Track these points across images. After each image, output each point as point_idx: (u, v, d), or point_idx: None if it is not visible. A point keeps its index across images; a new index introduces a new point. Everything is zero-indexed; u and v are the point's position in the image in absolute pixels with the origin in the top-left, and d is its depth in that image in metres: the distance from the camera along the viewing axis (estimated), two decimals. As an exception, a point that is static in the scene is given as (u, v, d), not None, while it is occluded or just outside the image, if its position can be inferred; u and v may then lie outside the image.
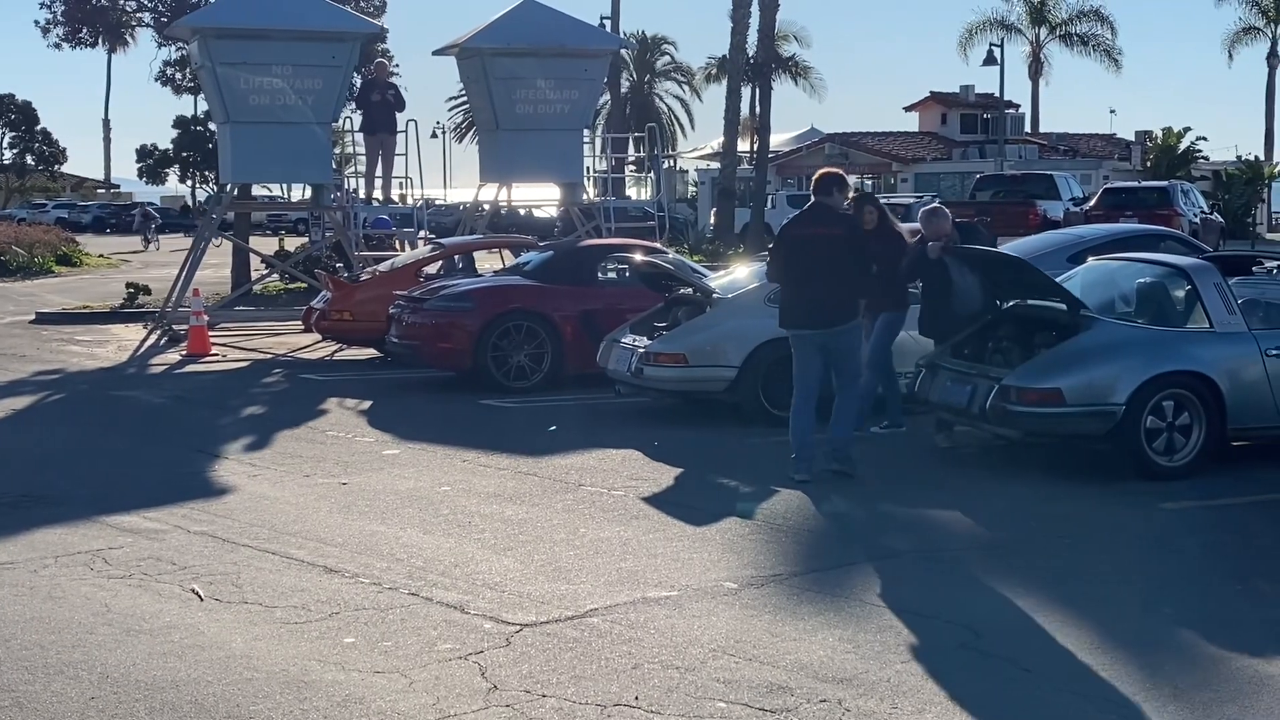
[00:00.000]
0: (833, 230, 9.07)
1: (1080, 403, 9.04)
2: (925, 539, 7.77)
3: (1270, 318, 9.99)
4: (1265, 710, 5.04)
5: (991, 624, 6.11)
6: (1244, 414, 9.27)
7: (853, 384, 9.26)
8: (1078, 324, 9.47)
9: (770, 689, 5.29)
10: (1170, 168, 44.40)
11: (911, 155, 53.18)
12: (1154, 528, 7.96)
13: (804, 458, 9.14)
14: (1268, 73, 55.88)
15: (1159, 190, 30.97)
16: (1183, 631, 6.03)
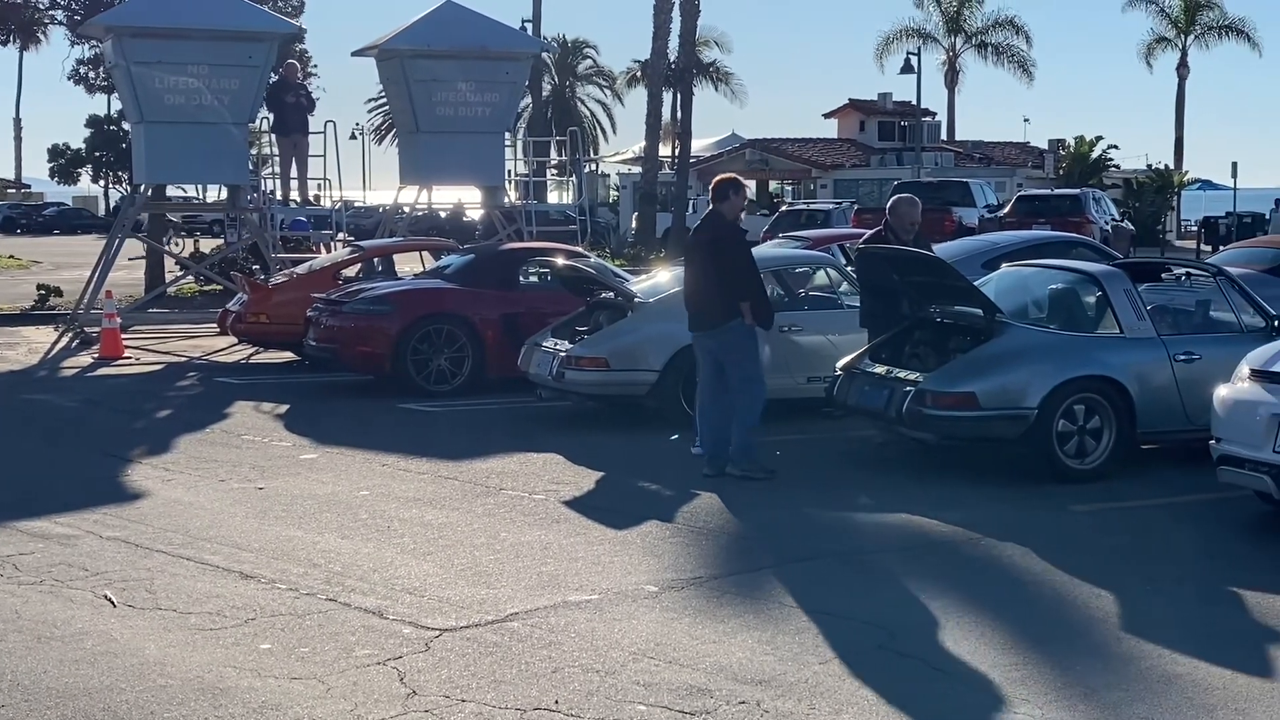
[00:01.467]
0: (712, 235, 9.42)
1: (994, 406, 9.18)
2: (844, 541, 7.84)
3: (1178, 323, 10.23)
4: (1174, 709, 5.14)
5: (908, 625, 6.19)
6: (1153, 418, 9.46)
7: (745, 386, 9.33)
8: (992, 329, 9.62)
9: (690, 691, 5.32)
10: (1082, 176, 45.11)
11: (831, 162, 53.62)
12: (1065, 529, 8.10)
13: (713, 456, 9.34)
14: (1178, 83, 57.02)
15: (1071, 198, 31.49)
16: (1094, 631, 6.15)
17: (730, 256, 9.35)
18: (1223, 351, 9.21)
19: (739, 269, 9.34)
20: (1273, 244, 15.95)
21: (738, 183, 9.69)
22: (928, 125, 51.97)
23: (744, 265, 9.39)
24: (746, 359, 9.36)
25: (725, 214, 9.49)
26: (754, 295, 9.35)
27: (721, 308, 9.34)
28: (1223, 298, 10.22)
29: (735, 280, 9.31)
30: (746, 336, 9.34)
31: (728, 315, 9.31)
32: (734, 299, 9.29)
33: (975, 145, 58.14)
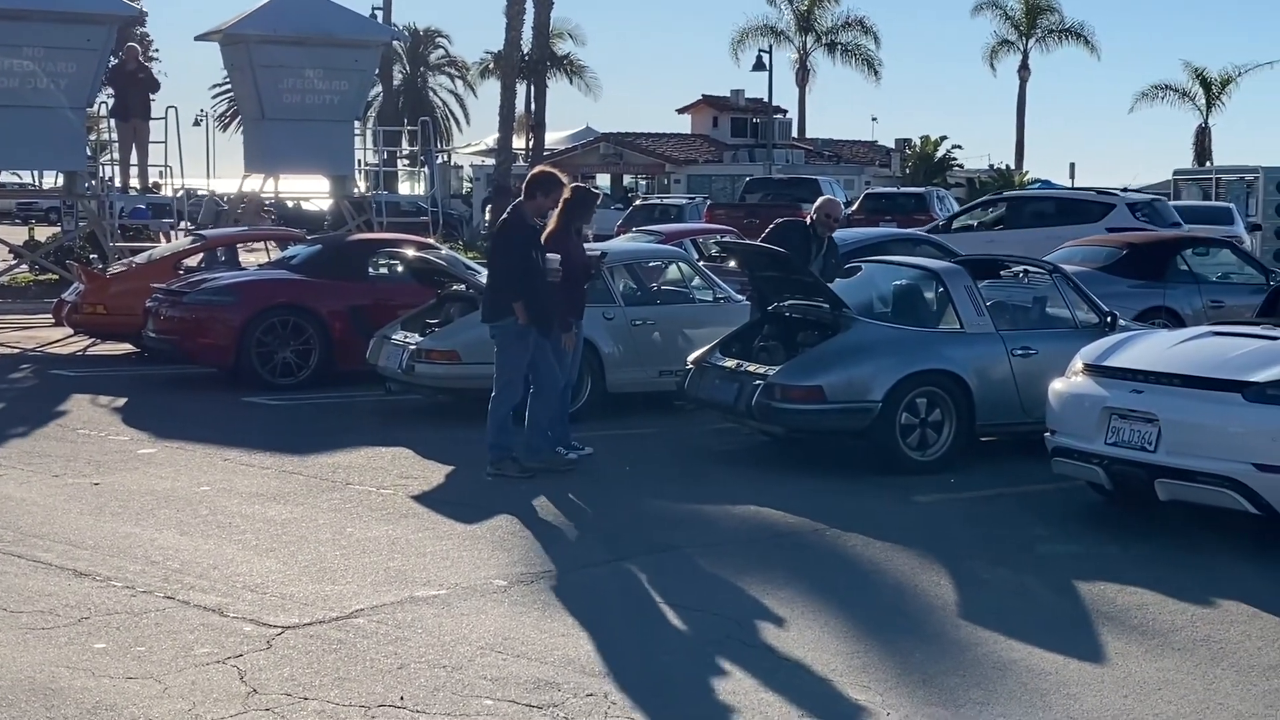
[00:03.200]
0: (501, 229, 9.45)
1: (840, 400, 9.34)
2: (693, 533, 7.89)
3: (1016, 319, 10.52)
4: (1008, 694, 5.29)
5: (755, 616, 6.25)
6: (992, 411, 9.72)
7: (540, 384, 9.30)
8: (838, 324, 9.78)
9: (537, 685, 5.30)
10: (928, 174, 46.25)
11: (684, 157, 54.04)
12: (907, 519, 8.26)
13: (533, 447, 9.34)
14: (1019, 85, 58.70)
15: (917, 196, 32.21)
16: (933, 619, 6.29)
17: (510, 254, 9.21)
18: (1058, 346, 9.49)
19: (514, 268, 9.17)
20: (1107, 242, 16.50)
21: (551, 183, 9.42)
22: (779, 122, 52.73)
23: (520, 266, 9.17)
24: (510, 360, 9.23)
25: (525, 210, 9.28)
26: (525, 296, 9.15)
27: (498, 306, 9.25)
28: (1058, 294, 10.54)
29: (510, 279, 9.20)
30: (516, 338, 9.19)
31: (499, 314, 9.24)
32: (508, 297, 9.18)
33: (825, 143, 59.16)
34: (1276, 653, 5.77)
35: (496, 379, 9.35)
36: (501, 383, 9.31)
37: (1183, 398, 7.58)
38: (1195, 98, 54.76)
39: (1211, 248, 15.98)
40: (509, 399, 9.30)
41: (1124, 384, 7.91)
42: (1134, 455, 7.68)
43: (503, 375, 9.32)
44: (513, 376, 9.30)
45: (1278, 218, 35.18)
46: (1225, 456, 7.29)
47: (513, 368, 9.29)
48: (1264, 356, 7.57)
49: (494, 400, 9.30)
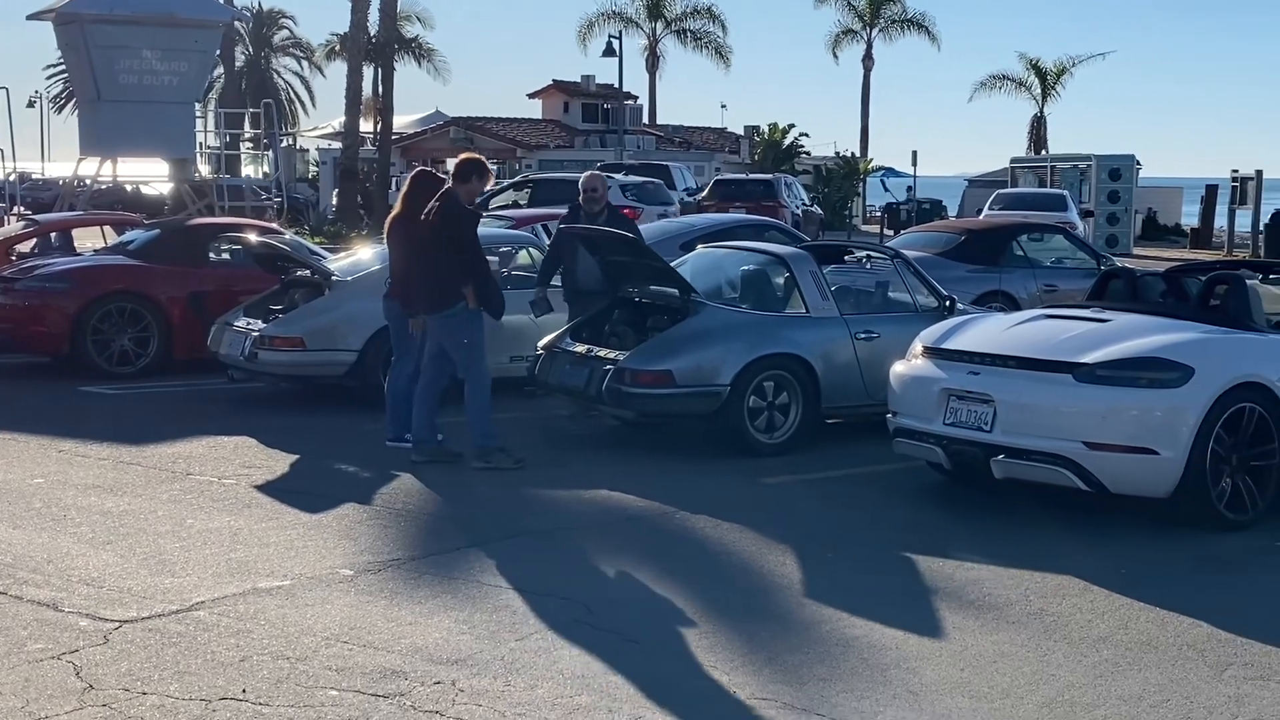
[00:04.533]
0: (442, 215, 9.08)
1: (689, 384, 9.42)
2: (544, 518, 7.89)
3: (860, 303, 10.73)
4: (850, 670, 5.39)
5: (604, 599, 6.28)
6: (836, 393, 9.90)
7: (470, 375, 9.19)
8: (688, 308, 9.86)
9: (384, 674, 5.25)
10: (776, 161, 46.76)
11: (535, 142, 53.81)
12: (754, 501, 8.37)
13: (421, 440, 9.18)
14: (863, 74, 59.74)
15: (765, 183, 32.61)
16: (779, 599, 6.39)
17: (461, 240, 9.04)
18: (899, 330, 9.71)
19: (467, 253, 9.10)
20: (948, 228, 16.95)
21: (483, 167, 9.31)
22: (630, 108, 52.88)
23: (473, 250, 9.14)
24: (471, 346, 9.17)
25: (460, 195, 9.15)
26: (480, 280, 9.14)
27: (447, 291, 9.07)
28: (900, 279, 10.78)
29: (463, 265, 9.09)
30: (468, 322, 9.11)
31: (449, 301, 9.06)
32: (459, 283, 9.08)
33: (676, 129, 59.49)
34: (1106, 625, 5.99)
35: (465, 369, 9.16)
36: (474, 370, 9.17)
37: (1017, 379, 7.81)
38: (1031, 88, 56.39)
39: (1045, 234, 16.50)
40: (483, 385, 9.17)
41: (961, 366, 8.12)
42: (971, 435, 7.89)
43: (470, 362, 9.17)
44: (478, 362, 9.19)
45: (1110, 204, 36.55)
46: (1057, 435, 7.53)
47: (476, 353, 9.18)
48: (1093, 339, 7.84)
49: (470, 390, 9.13)
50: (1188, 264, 9.73)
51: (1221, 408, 7.45)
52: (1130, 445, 7.41)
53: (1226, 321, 8.07)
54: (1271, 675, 5.36)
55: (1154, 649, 5.67)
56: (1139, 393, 7.47)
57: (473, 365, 9.17)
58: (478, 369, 9.18)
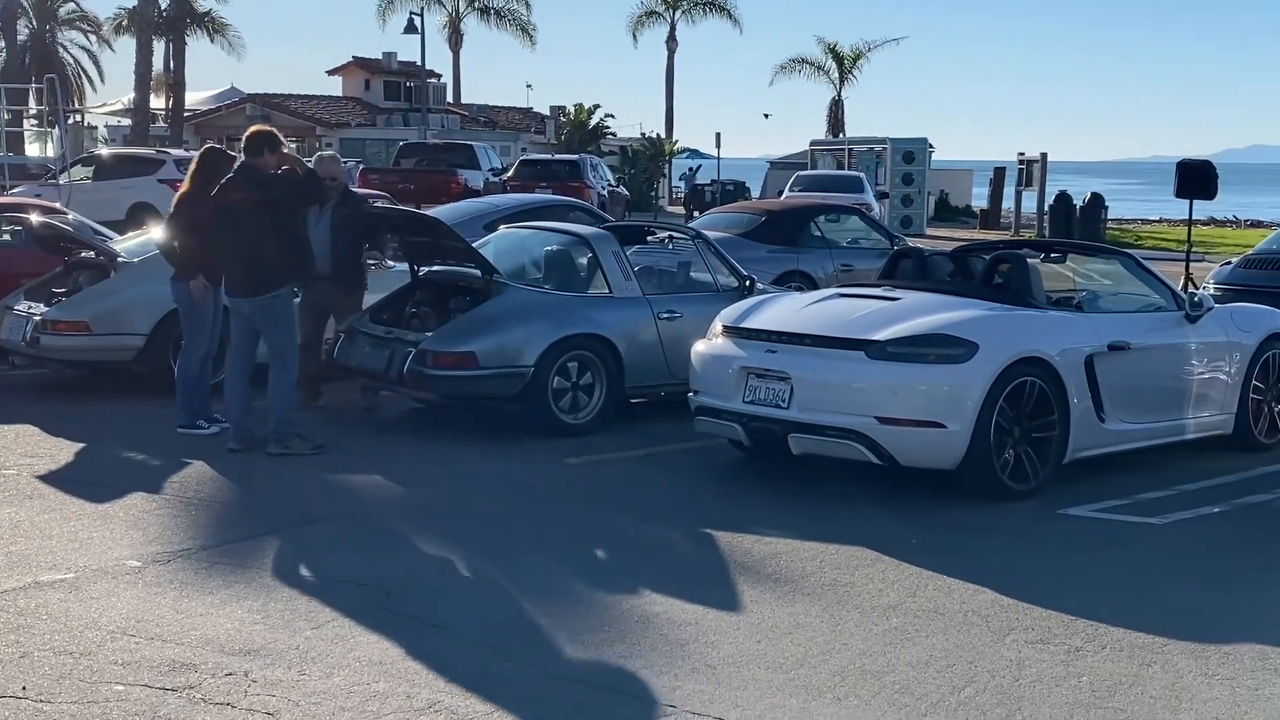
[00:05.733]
0: (255, 193, 8.77)
1: (493, 365, 9.37)
2: (343, 504, 7.76)
3: (662, 283, 10.82)
4: (650, 646, 5.44)
5: (406, 584, 6.20)
6: (640, 373, 9.97)
7: (281, 357, 8.96)
8: (490, 289, 9.80)
9: (173, 667, 5.09)
10: (581, 142, 46.81)
11: (336, 120, 52.79)
12: (559, 481, 8.38)
13: (238, 427, 8.94)
14: (668, 55, 60.13)
15: (570, 163, 32.60)
16: (581, 579, 6.40)
17: (278, 217, 8.77)
18: (701, 309, 9.83)
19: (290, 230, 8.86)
20: (749, 209, 17.20)
21: (275, 139, 8.98)
22: (433, 86, 52.27)
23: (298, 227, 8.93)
24: (285, 328, 8.90)
25: (259, 169, 8.83)
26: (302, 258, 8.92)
27: (270, 275, 8.77)
28: (701, 259, 10.90)
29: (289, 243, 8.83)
30: (286, 305, 8.88)
31: (273, 284, 8.78)
32: (283, 263, 8.81)
33: (480, 109, 59.04)
34: (896, 593, 6.17)
35: (277, 352, 8.88)
36: (287, 353, 8.89)
37: (812, 356, 7.98)
38: (829, 72, 57.56)
39: (842, 215, 16.89)
40: (291, 369, 8.92)
41: (759, 345, 8.26)
42: (769, 412, 8.04)
43: (285, 344, 8.89)
44: (290, 344, 8.92)
45: (904, 186, 37.66)
46: (850, 411, 7.72)
47: (291, 336, 8.92)
48: (884, 317, 8.06)
49: (277, 373, 8.84)
50: (973, 244, 10.07)
51: (1004, 382, 7.73)
52: (919, 419, 7.64)
53: (1009, 299, 8.37)
54: (1051, 638, 5.59)
55: (941, 616, 5.87)
56: (927, 369, 7.70)
57: (286, 348, 8.96)
58: (290, 352, 8.98)
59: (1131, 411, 8.45)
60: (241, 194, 8.78)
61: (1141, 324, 8.74)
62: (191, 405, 9.38)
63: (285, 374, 8.91)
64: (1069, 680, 5.13)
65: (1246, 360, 9.15)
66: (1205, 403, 8.95)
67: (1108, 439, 8.36)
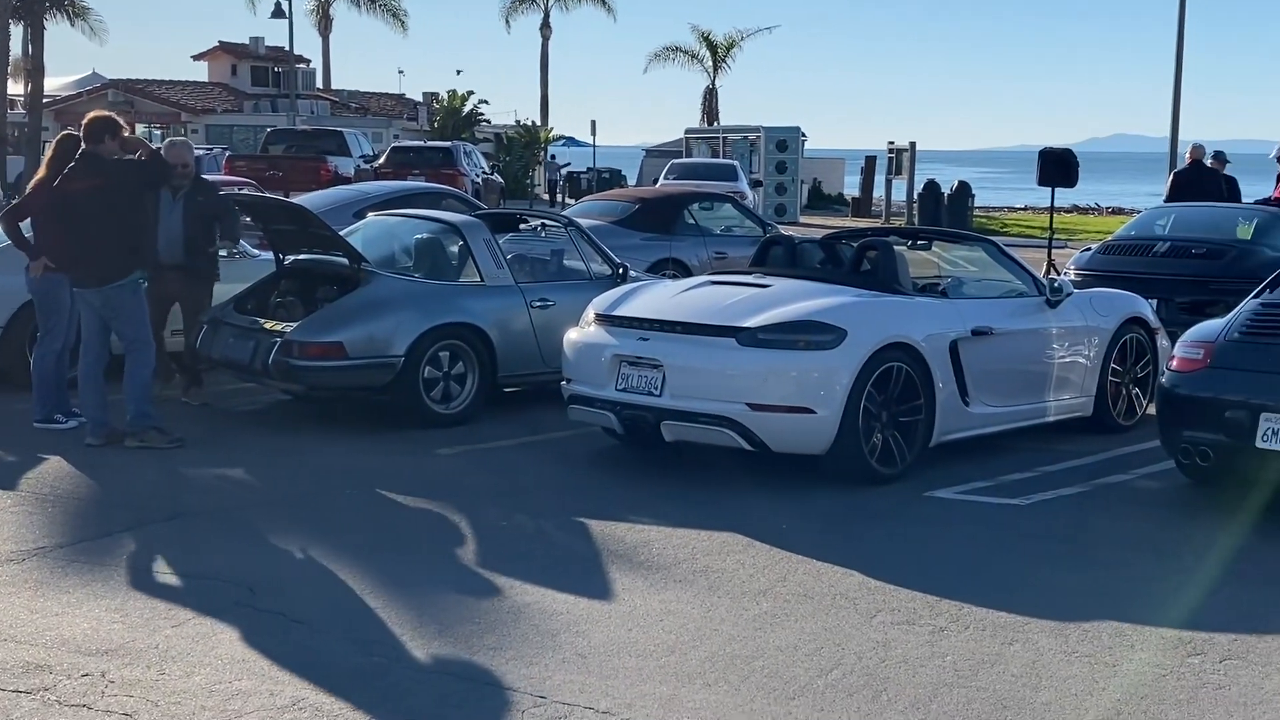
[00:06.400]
0: (96, 181, 8.53)
1: (362, 355, 9.23)
2: (203, 499, 7.59)
3: (535, 272, 10.77)
4: (522, 637, 5.40)
5: (269, 580, 6.08)
6: (513, 362, 9.91)
7: (139, 348, 8.72)
8: (358, 278, 9.65)
9: (27, 669, 4.93)
10: (455, 129, 46.40)
11: (201, 106, 51.68)
12: (430, 472, 8.29)
13: (95, 421, 8.68)
14: (542, 43, 59.88)
15: (444, 150, 32.31)
16: (451, 570, 6.34)
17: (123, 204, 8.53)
18: (574, 298, 9.77)
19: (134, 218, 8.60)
20: (622, 197, 17.20)
21: (114, 124, 8.76)
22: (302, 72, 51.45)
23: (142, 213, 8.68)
24: (134, 319, 8.66)
25: (103, 155, 8.61)
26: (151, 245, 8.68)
27: (116, 262, 8.53)
28: (574, 248, 10.86)
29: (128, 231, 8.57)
30: (133, 294, 8.63)
31: (121, 271, 8.54)
32: (130, 252, 8.55)
33: (351, 95, 58.26)
34: (767, 579, 6.21)
35: (131, 343, 8.65)
36: (140, 344, 8.65)
37: (684, 344, 8.00)
38: (703, 60, 57.83)
39: (716, 202, 16.98)
40: (148, 360, 8.66)
41: (632, 332, 8.26)
42: (642, 400, 8.03)
43: (137, 335, 8.65)
44: (142, 335, 8.67)
45: (778, 174, 38.02)
46: (722, 398, 7.76)
47: (144, 325, 8.68)
48: (755, 303, 8.11)
49: (132, 365, 8.59)
50: (842, 231, 10.18)
51: (872, 367, 7.83)
52: (789, 405, 7.70)
53: (877, 286, 8.48)
54: (916, 619, 5.68)
55: (810, 599, 5.92)
56: (797, 355, 7.76)
57: (140, 338, 8.72)
58: (143, 343, 8.73)
59: (995, 395, 8.62)
60: (83, 182, 8.57)
61: (1004, 309, 8.91)
62: (48, 399, 9.10)
63: (141, 366, 8.68)
64: (933, 660, 5.21)
65: (1105, 344, 9.38)
66: (1065, 386, 9.16)
67: (972, 422, 8.52)
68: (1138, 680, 5.03)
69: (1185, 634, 5.49)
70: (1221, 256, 13.06)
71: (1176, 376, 7.66)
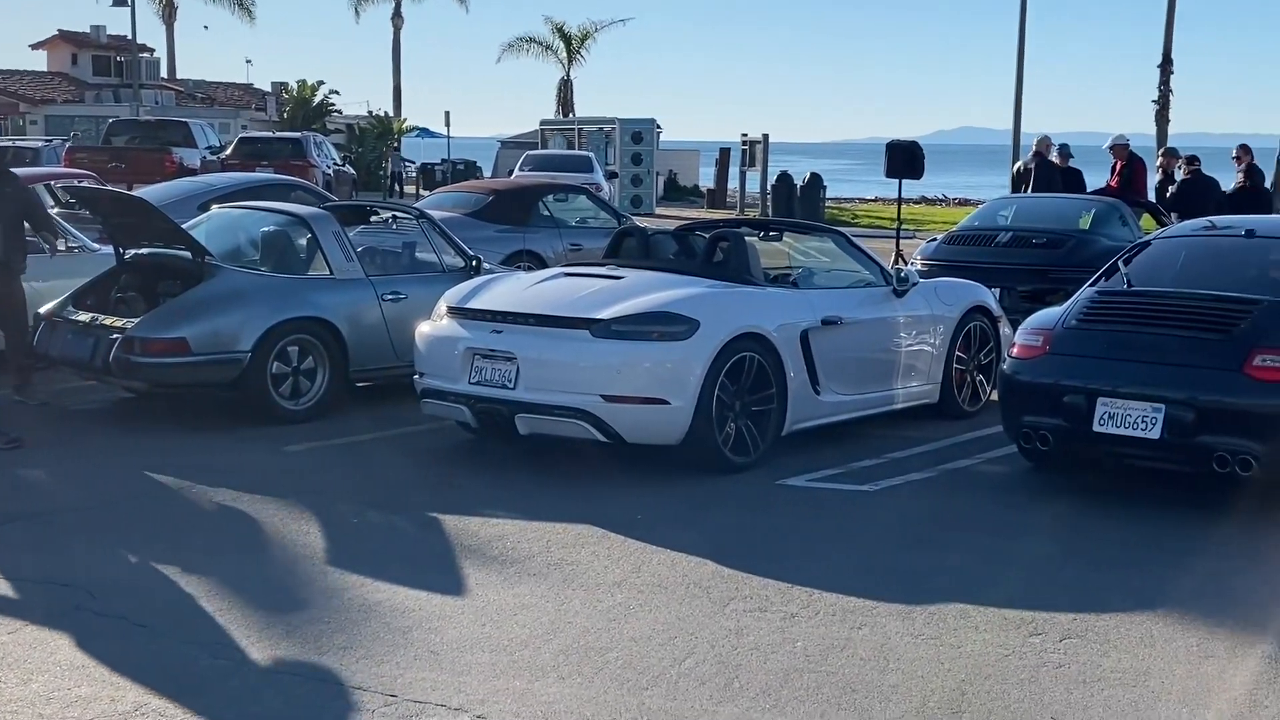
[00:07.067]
0: None
1: (206, 351, 9.01)
2: (40, 501, 7.34)
3: (386, 264, 10.62)
4: (372, 635, 5.33)
5: (110, 583, 5.90)
6: (364, 356, 9.76)
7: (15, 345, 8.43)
8: (202, 272, 9.42)
9: None
10: (306, 120, 45.63)
11: (40, 96, 50.00)
12: (280, 469, 8.12)
13: None
14: (394, 33, 59.11)
15: (293, 141, 31.69)
16: (301, 569, 6.21)
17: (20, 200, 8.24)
18: (426, 291, 9.67)
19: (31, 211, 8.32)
20: (476, 189, 17.06)
21: None
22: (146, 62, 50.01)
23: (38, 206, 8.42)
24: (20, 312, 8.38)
25: None
26: None
27: None
28: (426, 240, 10.74)
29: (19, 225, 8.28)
30: None
31: None
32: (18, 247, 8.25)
33: (198, 85, 56.89)
34: (621, 570, 6.22)
35: None
36: None
37: (538, 336, 7.97)
38: (557, 51, 57.61)
39: (570, 194, 16.95)
40: None
41: (485, 325, 8.20)
42: (496, 393, 7.99)
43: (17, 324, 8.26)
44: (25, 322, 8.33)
45: (634, 166, 38.12)
46: (576, 390, 7.74)
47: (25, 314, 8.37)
48: (608, 295, 8.11)
49: None
50: (695, 223, 10.25)
51: (725, 358, 7.89)
52: (644, 396, 7.73)
53: (729, 277, 8.55)
54: (769, 606, 5.74)
55: (664, 589, 5.95)
56: (650, 346, 7.78)
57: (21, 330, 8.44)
58: None
59: (845, 383, 8.76)
60: None
61: (853, 299, 9.06)
62: None
63: None
64: (784, 646, 5.27)
65: (950, 332, 9.60)
66: (913, 373, 9.35)
67: (823, 410, 8.64)
68: (981, 660, 5.15)
69: (1027, 614, 5.64)
70: (1060, 246, 13.46)
71: (1017, 363, 7.87)
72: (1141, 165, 17.33)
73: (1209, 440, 7.03)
